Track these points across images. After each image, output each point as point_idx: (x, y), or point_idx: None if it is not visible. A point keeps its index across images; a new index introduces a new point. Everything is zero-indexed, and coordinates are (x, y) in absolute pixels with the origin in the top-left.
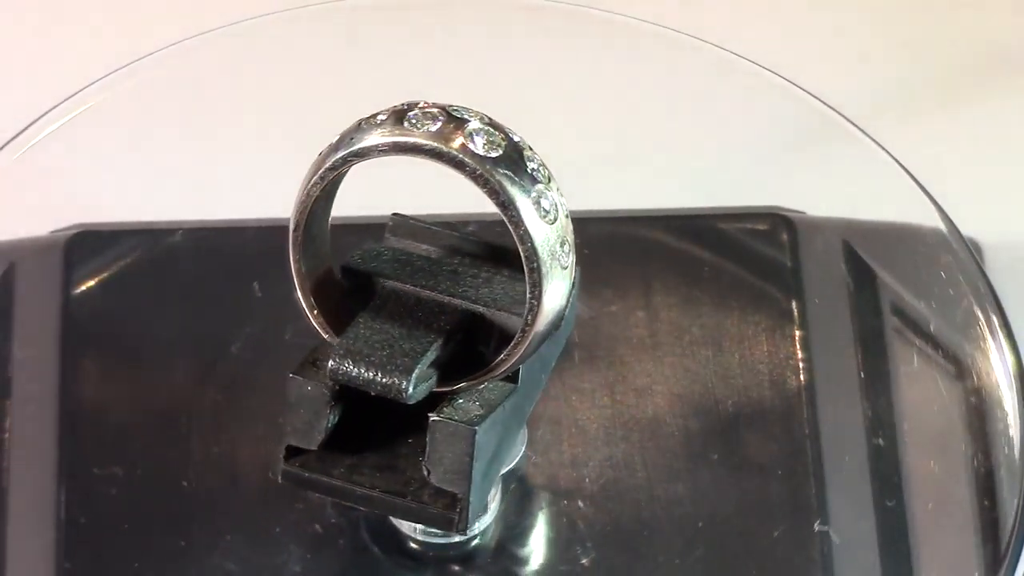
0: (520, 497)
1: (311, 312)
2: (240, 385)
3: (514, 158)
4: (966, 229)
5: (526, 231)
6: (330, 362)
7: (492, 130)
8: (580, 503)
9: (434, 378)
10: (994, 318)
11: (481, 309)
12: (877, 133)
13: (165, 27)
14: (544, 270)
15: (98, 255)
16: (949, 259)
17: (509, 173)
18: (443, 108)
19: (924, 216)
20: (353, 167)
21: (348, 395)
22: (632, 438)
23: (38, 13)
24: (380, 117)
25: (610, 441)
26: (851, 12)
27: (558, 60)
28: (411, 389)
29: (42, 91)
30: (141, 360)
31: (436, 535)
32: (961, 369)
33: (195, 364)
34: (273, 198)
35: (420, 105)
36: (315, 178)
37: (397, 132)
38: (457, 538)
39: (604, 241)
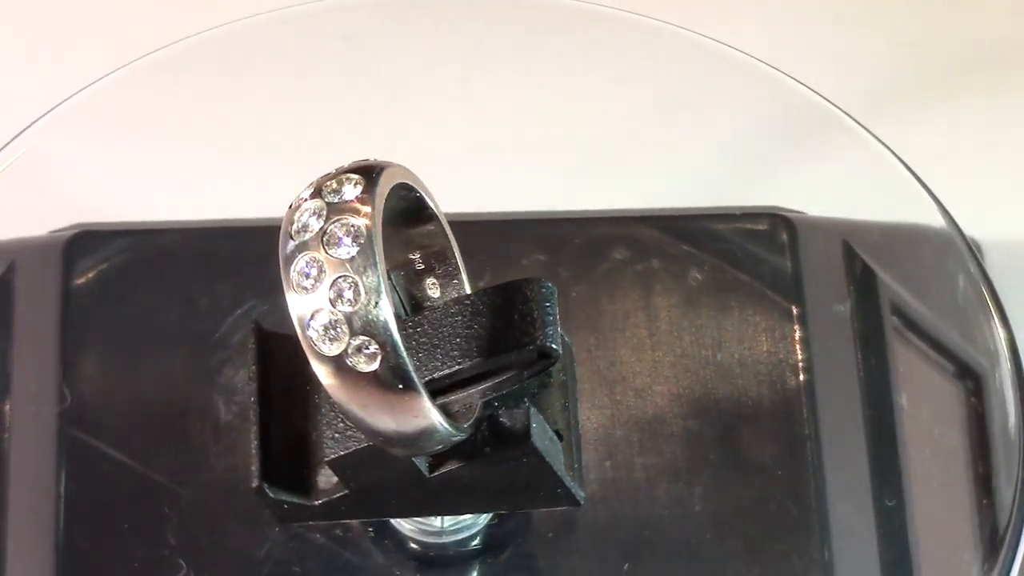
0: None
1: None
2: (240, 384)
3: (363, 178)
4: (966, 229)
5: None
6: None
7: (323, 200)
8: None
9: None
10: (994, 318)
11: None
12: (879, 131)
13: (164, 27)
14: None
15: (97, 255)
16: (950, 259)
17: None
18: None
19: (925, 215)
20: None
21: None
22: (632, 438)
23: (38, 13)
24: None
25: (610, 441)
26: (854, 8)
27: (553, 57)
28: None
29: (42, 91)
30: (141, 359)
31: (435, 534)
32: (961, 369)
33: (194, 364)
34: (273, 198)
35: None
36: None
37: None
38: (457, 537)
39: (604, 241)
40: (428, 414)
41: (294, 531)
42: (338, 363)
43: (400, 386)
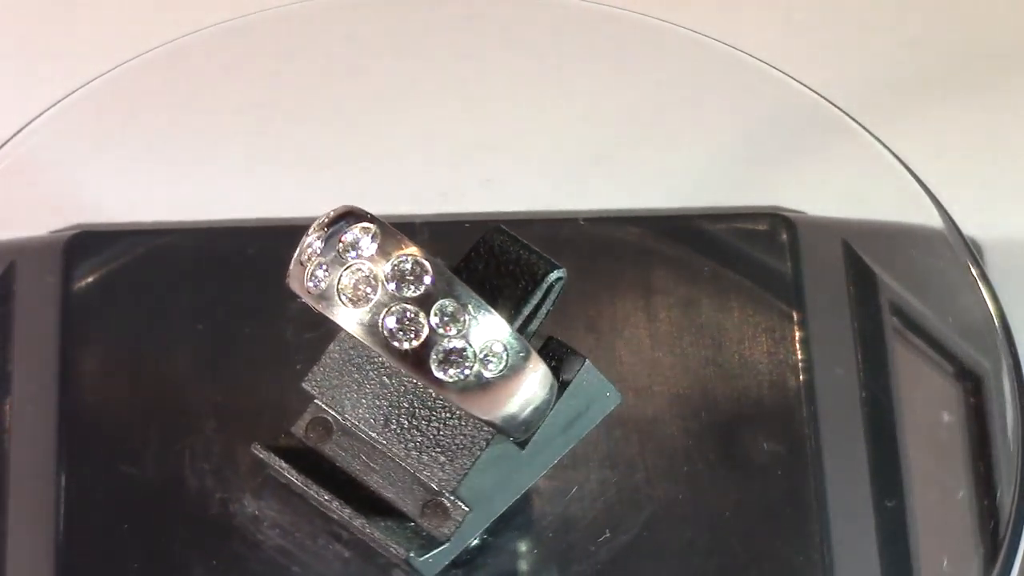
0: (519, 497)
1: None
2: (240, 385)
3: (367, 222)
4: (966, 229)
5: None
6: None
7: (356, 261)
8: (579, 504)
9: None
10: (994, 318)
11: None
12: (879, 131)
13: (162, 25)
14: None
15: (98, 255)
16: (949, 259)
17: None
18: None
19: (924, 216)
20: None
21: None
22: (632, 438)
23: (37, 12)
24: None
25: (610, 441)
26: (854, 8)
27: (553, 57)
28: None
29: (42, 91)
30: (141, 360)
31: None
32: (961, 369)
33: (195, 364)
34: (272, 198)
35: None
36: None
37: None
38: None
39: (604, 241)
40: (550, 376)
41: (296, 532)
42: (479, 379)
43: (530, 365)
